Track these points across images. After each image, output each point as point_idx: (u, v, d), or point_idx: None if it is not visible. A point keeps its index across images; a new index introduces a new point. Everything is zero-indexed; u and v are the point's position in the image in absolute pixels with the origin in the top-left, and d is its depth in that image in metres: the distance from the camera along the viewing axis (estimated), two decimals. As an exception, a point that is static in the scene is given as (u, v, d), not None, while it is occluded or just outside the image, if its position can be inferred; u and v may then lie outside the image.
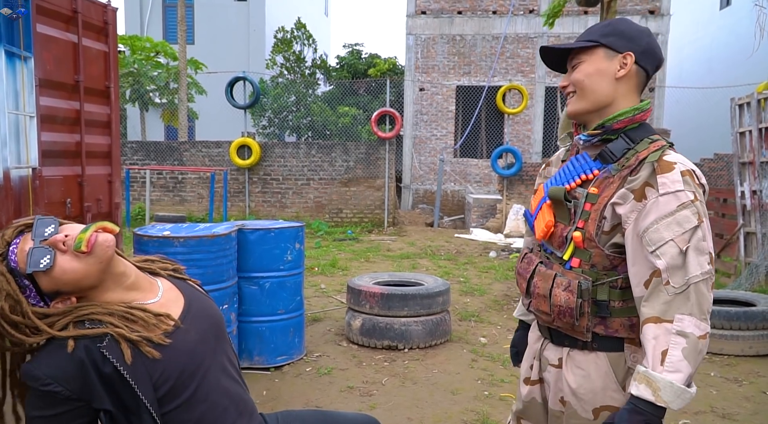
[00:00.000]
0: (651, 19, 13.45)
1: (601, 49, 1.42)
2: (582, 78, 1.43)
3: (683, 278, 1.26)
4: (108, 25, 5.11)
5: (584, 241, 1.39)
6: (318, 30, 21.98)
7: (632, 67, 1.40)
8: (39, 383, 1.23)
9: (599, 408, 1.41)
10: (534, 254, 1.56)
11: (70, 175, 4.76)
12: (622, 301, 1.38)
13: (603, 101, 1.42)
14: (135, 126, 18.79)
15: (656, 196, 1.30)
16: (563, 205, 1.45)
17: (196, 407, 1.34)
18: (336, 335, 4.68)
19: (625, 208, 1.34)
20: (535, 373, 1.58)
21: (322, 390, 3.61)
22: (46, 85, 4.40)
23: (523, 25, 13.79)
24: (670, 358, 1.24)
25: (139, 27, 19.91)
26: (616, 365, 1.40)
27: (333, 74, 18.32)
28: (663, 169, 1.32)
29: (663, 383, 1.23)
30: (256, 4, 20.08)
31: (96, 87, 5.00)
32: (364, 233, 10.93)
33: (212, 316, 1.47)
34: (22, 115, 4.20)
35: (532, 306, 1.51)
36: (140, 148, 12.21)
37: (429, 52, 14.15)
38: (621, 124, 1.41)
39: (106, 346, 1.26)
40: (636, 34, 1.42)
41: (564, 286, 1.40)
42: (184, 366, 1.33)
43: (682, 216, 1.28)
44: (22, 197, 4.22)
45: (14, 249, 1.28)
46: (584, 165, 1.45)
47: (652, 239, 1.29)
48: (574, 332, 1.42)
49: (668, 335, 1.25)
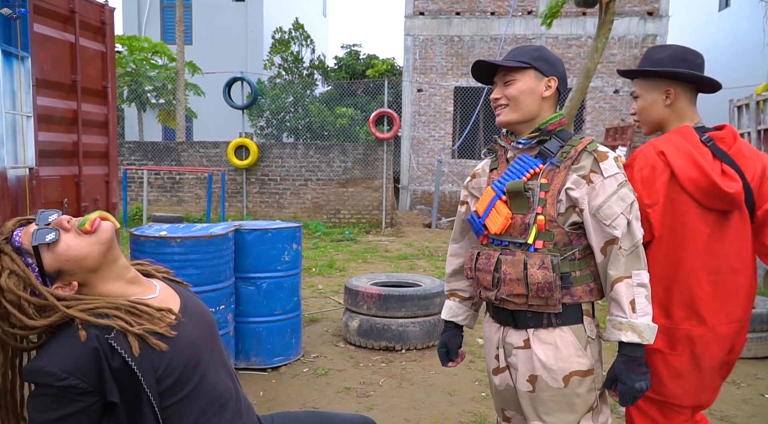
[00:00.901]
0: (649, 21, 13.48)
1: (532, 70, 1.70)
2: (517, 94, 1.70)
3: (632, 241, 1.59)
4: (105, 25, 5.10)
5: (546, 223, 1.63)
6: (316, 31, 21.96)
7: (554, 89, 1.72)
8: (54, 378, 1.19)
9: (568, 375, 1.62)
10: (488, 248, 1.74)
11: (67, 175, 4.75)
12: (580, 270, 1.66)
13: (531, 114, 1.71)
14: (132, 126, 18.75)
15: (602, 180, 1.61)
16: (521, 197, 1.66)
17: (197, 401, 1.34)
18: (333, 336, 4.67)
19: (580, 192, 1.62)
20: (502, 360, 1.76)
21: (319, 391, 3.60)
22: (43, 85, 4.39)
23: (522, 27, 13.81)
24: (639, 304, 1.56)
25: (137, 27, 19.88)
26: (578, 335, 1.65)
27: (331, 75, 18.31)
28: (602, 158, 1.63)
29: (642, 326, 1.55)
30: (254, 5, 20.06)
31: (93, 87, 4.98)
32: (361, 234, 10.92)
33: (206, 317, 1.49)
34: (19, 115, 4.18)
35: (502, 293, 1.67)
36: (138, 148, 12.19)
37: (427, 53, 14.15)
38: (553, 127, 1.71)
39: (114, 337, 1.25)
40: (556, 62, 1.73)
41: (538, 265, 1.61)
42: (187, 359, 1.34)
43: (623, 193, 1.60)
44: (19, 197, 4.21)
45: (18, 232, 1.32)
46: (529, 162, 1.69)
47: (606, 214, 1.59)
48: (547, 306, 1.63)
49: (631, 288, 1.57)
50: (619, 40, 13.33)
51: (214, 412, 1.37)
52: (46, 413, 1.20)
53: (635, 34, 13.36)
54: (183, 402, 1.32)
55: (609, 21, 7.47)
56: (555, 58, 1.75)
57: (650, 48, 1.99)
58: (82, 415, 1.22)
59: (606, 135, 10.72)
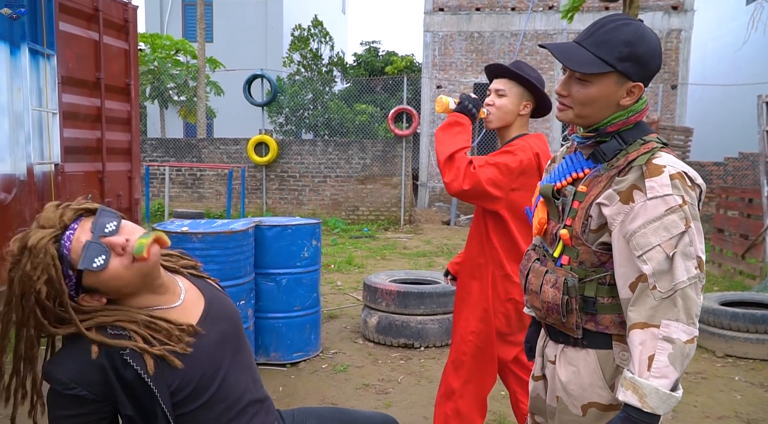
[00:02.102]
0: (674, 15, 13.25)
1: (614, 74, 1.35)
2: (587, 102, 1.38)
3: (670, 283, 1.26)
4: (128, 23, 5.16)
5: (572, 238, 1.41)
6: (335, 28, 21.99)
7: (638, 94, 1.38)
8: (63, 387, 1.22)
9: (587, 405, 1.42)
10: (534, 251, 1.58)
11: (91, 171, 4.82)
12: (611, 297, 1.39)
13: (599, 120, 1.41)
14: (155, 123, 18.99)
15: (644, 200, 1.30)
16: (552, 203, 1.48)
17: (215, 406, 1.34)
18: (352, 333, 4.68)
19: (611, 209, 1.34)
20: (538, 369, 1.61)
21: (338, 387, 3.61)
22: (69, 83, 4.46)
23: (542, 22, 13.67)
24: (657, 363, 1.25)
25: (159, 25, 20.11)
26: (604, 362, 1.41)
27: (350, 72, 18.33)
28: (652, 173, 1.31)
29: (649, 389, 1.24)
30: (274, 2, 20.16)
31: (117, 84, 5.05)
32: (380, 231, 10.93)
33: (231, 317, 1.47)
34: (45, 111, 4.26)
35: (528, 302, 1.54)
36: (160, 145, 12.33)
37: (446, 50, 14.09)
38: (615, 128, 1.40)
39: (129, 353, 1.24)
40: (651, 57, 1.35)
41: (552, 283, 1.42)
42: (204, 371, 1.33)
43: (670, 221, 1.27)
44: (44, 193, 4.28)
45: (70, 235, 1.22)
46: (576, 164, 1.47)
47: (639, 243, 1.29)
48: (565, 328, 1.44)
49: (655, 340, 1.25)
50: (642, 36, 13.14)
51: (234, 415, 1.37)
52: (60, 410, 1.25)
53: (659, 29, 13.14)
54: (201, 408, 1.32)
55: (633, 15, 7.36)
56: (650, 52, 1.35)
57: (519, 61, 2.32)
58: (94, 416, 1.25)
59: (628, 132, 10.58)
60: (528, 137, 2.31)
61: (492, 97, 2.32)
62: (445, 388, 2.43)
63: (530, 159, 2.22)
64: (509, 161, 2.18)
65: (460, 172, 2.13)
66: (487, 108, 2.32)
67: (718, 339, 4.28)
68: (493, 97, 2.32)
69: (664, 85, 13.24)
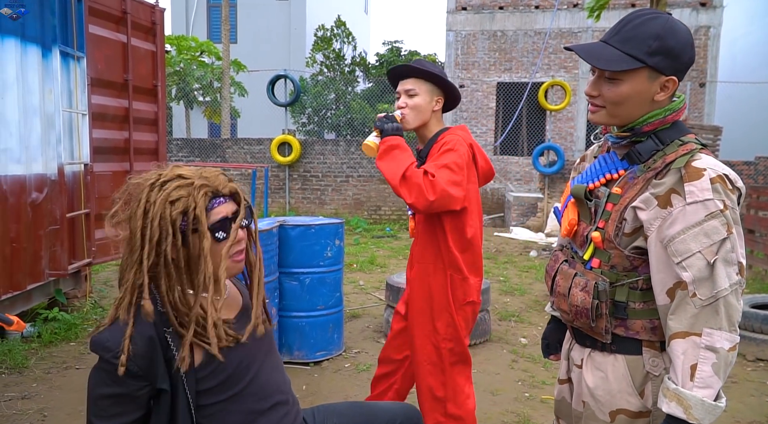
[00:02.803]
0: (702, 11, 12.99)
1: (645, 70, 1.30)
2: (619, 101, 1.33)
3: (711, 290, 1.22)
4: (156, 25, 5.24)
5: (603, 241, 1.37)
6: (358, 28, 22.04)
7: (673, 89, 1.33)
8: (110, 354, 1.23)
9: (615, 411, 1.38)
10: (562, 252, 1.54)
11: (119, 170, 4.91)
12: (643, 302, 1.35)
13: (634, 119, 1.35)
14: (180, 123, 19.25)
15: (683, 205, 1.25)
16: (584, 204, 1.43)
17: (244, 400, 1.37)
18: (374, 332, 4.69)
19: (648, 214, 1.29)
20: (564, 372, 1.59)
21: (361, 386, 3.62)
22: (97, 84, 4.55)
23: (567, 20, 13.52)
24: (700, 373, 1.22)
25: (184, 27, 20.38)
26: (634, 368, 1.37)
27: (372, 72, 18.35)
28: (691, 177, 1.26)
29: (694, 400, 1.21)
30: (297, 3, 20.28)
31: (144, 85, 5.14)
32: (402, 231, 10.92)
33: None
34: (75, 113, 4.35)
35: (554, 304, 1.51)
36: (185, 145, 12.50)
37: (469, 49, 14.02)
38: (651, 127, 1.34)
39: (171, 332, 1.28)
40: (682, 49, 1.30)
41: (581, 286, 1.38)
42: (239, 362, 1.36)
43: (711, 227, 1.23)
44: (74, 192, 4.38)
45: (221, 201, 1.33)
46: (610, 164, 1.42)
47: (678, 249, 1.25)
48: (593, 332, 1.41)
49: (697, 350, 1.22)
50: (669, 33, 12.91)
51: (262, 411, 1.39)
52: (100, 388, 1.26)
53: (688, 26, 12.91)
54: (228, 402, 1.34)
55: (660, 13, 7.23)
56: (681, 44, 1.29)
57: (421, 60, 2.35)
58: (129, 398, 1.26)
59: (655, 131, 10.41)
60: (453, 130, 2.32)
61: (403, 98, 2.32)
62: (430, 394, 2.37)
63: (468, 151, 2.25)
64: (456, 158, 2.17)
65: (420, 186, 2.07)
66: (401, 111, 2.31)
67: (749, 343, 4.19)
68: (404, 99, 2.32)
69: (692, 84, 12.99)
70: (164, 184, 1.29)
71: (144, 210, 1.27)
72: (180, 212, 1.26)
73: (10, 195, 3.73)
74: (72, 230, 4.31)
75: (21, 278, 3.85)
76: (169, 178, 1.31)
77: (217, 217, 1.31)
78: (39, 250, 4.01)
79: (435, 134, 2.35)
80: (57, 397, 3.38)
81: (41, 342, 4.20)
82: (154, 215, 1.25)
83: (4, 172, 3.68)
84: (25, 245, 3.86)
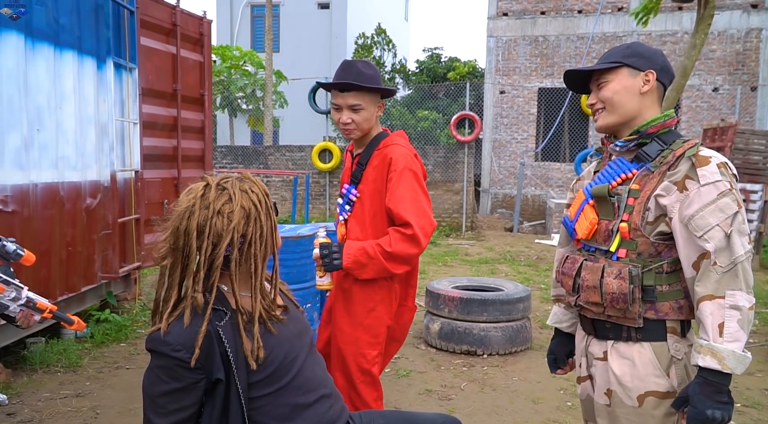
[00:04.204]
0: (753, 13, 12.55)
1: (624, 68, 1.60)
2: (611, 95, 1.60)
3: (730, 258, 1.42)
4: (203, 36, 5.41)
5: (630, 231, 1.54)
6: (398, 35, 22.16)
7: (654, 83, 1.59)
8: (169, 348, 1.29)
9: (644, 394, 1.52)
10: (579, 253, 1.69)
11: (168, 177, 5.08)
12: (668, 285, 1.54)
13: (631, 114, 1.60)
14: (224, 131, 19.71)
15: (698, 187, 1.47)
16: (607, 202, 1.59)
17: (291, 393, 1.43)
18: (414, 338, 4.70)
19: (670, 199, 1.50)
20: (584, 370, 1.71)
21: (401, 392, 3.64)
22: (148, 94, 4.73)
23: (611, 24, 13.27)
24: (728, 329, 1.40)
25: (229, 37, 20.90)
26: (659, 353, 1.53)
27: (412, 79, 18.40)
28: (701, 163, 1.49)
29: (726, 352, 1.38)
30: (338, 12, 20.54)
31: (192, 95, 5.31)
32: (441, 237, 10.90)
33: (304, 322, 1.59)
34: (126, 121, 4.53)
35: (581, 300, 1.62)
36: (229, 152, 12.80)
37: (510, 54, 13.91)
38: (654, 129, 1.58)
39: (223, 326, 1.35)
40: (653, 54, 1.62)
41: (615, 274, 1.53)
42: (286, 354, 1.43)
43: (724, 203, 1.44)
44: (125, 198, 4.55)
45: None
46: (622, 167, 1.62)
47: (699, 225, 1.45)
48: (626, 318, 1.55)
49: (722, 310, 1.41)
50: (718, 35, 12.52)
51: (309, 404, 1.45)
52: (158, 386, 1.32)
53: (737, 29, 12.49)
54: (276, 395, 1.40)
55: (709, 16, 7.03)
56: (651, 51, 1.63)
57: (353, 64, 2.26)
58: (186, 392, 1.32)
59: (704, 136, 10.08)
60: (394, 139, 2.32)
61: (347, 114, 2.24)
62: (361, 404, 2.30)
63: (415, 161, 2.28)
64: (417, 178, 2.24)
65: (408, 244, 2.15)
66: (346, 126, 2.26)
67: None
68: (349, 114, 2.24)
69: (743, 88, 12.55)
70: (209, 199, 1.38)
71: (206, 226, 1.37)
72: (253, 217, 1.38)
73: (66, 201, 3.91)
74: (123, 234, 4.48)
75: (76, 280, 4.02)
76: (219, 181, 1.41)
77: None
78: (92, 253, 4.18)
79: (374, 138, 2.32)
80: (109, 395, 3.52)
81: (94, 342, 4.37)
82: (220, 229, 1.35)
83: (61, 179, 3.85)
84: (79, 248, 4.03)
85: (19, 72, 3.45)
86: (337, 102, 2.27)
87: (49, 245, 3.73)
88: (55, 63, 3.76)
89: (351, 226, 2.35)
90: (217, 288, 1.37)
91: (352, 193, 2.35)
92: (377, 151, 2.30)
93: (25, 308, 1.64)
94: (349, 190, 2.36)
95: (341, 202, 2.41)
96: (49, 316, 1.69)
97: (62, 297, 3.87)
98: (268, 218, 1.40)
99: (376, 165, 2.28)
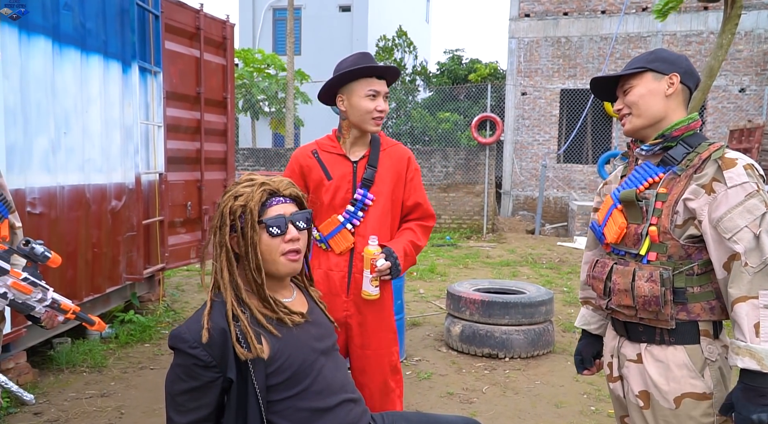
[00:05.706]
0: (782, 12, 12.27)
1: (649, 73, 1.63)
2: (636, 99, 1.63)
3: (760, 258, 1.43)
4: (226, 40, 5.46)
5: (659, 235, 1.55)
6: (419, 37, 22.15)
7: (678, 85, 1.62)
8: (186, 345, 1.33)
9: (680, 396, 1.53)
10: (609, 257, 1.70)
11: (191, 179, 5.13)
12: (699, 286, 1.55)
13: (657, 116, 1.62)
14: (246, 134, 19.90)
15: (725, 189, 1.48)
16: (635, 206, 1.60)
17: (310, 398, 1.42)
18: (435, 341, 4.68)
19: (698, 202, 1.51)
20: (615, 370, 1.72)
21: (422, 394, 3.62)
22: (172, 97, 4.79)
23: (635, 24, 13.10)
24: (764, 329, 1.41)
25: (251, 40, 21.10)
26: (693, 356, 1.54)
27: (433, 80, 18.38)
28: (727, 165, 1.50)
29: (764, 352, 1.39)
30: (359, 14, 20.61)
31: (214, 98, 5.36)
32: (462, 239, 10.85)
33: (327, 326, 1.59)
34: (151, 124, 4.59)
35: (612, 303, 1.64)
36: (251, 154, 12.91)
37: (532, 56, 13.81)
38: (679, 132, 1.60)
39: (240, 326, 1.37)
40: (676, 58, 1.65)
41: (646, 277, 1.54)
42: (304, 359, 1.43)
43: (751, 204, 1.46)
44: (149, 200, 4.61)
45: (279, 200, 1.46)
46: (649, 171, 1.63)
47: (727, 227, 1.46)
48: (658, 321, 1.56)
49: (757, 310, 1.41)
50: (745, 35, 12.27)
51: (329, 408, 1.45)
52: (177, 385, 1.35)
53: (765, 28, 12.23)
54: (295, 399, 1.40)
55: (736, 15, 6.90)
56: (674, 56, 1.66)
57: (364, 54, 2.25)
58: (204, 391, 1.34)
59: (730, 137, 9.89)
60: (386, 137, 2.36)
61: (383, 101, 2.19)
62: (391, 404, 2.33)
63: None
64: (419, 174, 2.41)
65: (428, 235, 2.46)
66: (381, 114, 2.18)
67: None
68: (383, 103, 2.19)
69: (774, 87, 12.28)
70: (236, 184, 1.48)
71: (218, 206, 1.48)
72: (241, 205, 1.41)
73: (92, 203, 3.97)
74: (147, 236, 4.54)
75: (101, 281, 4.08)
76: (242, 180, 1.49)
77: (273, 213, 1.43)
78: (117, 255, 4.24)
79: (373, 138, 2.29)
80: (133, 396, 3.56)
81: (118, 343, 4.44)
82: (222, 208, 1.43)
83: (87, 181, 3.92)
84: (104, 250, 4.09)
85: (47, 76, 3.52)
86: (376, 88, 2.17)
87: (75, 246, 3.79)
88: (81, 67, 3.83)
89: (370, 231, 2.21)
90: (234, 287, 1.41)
91: (369, 197, 2.22)
92: (383, 152, 2.27)
93: (49, 308, 1.67)
94: (364, 195, 2.21)
95: (352, 210, 2.22)
96: (72, 317, 1.73)
97: (88, 298, 3.93)
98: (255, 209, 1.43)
99: (390, 165, 2.26)
